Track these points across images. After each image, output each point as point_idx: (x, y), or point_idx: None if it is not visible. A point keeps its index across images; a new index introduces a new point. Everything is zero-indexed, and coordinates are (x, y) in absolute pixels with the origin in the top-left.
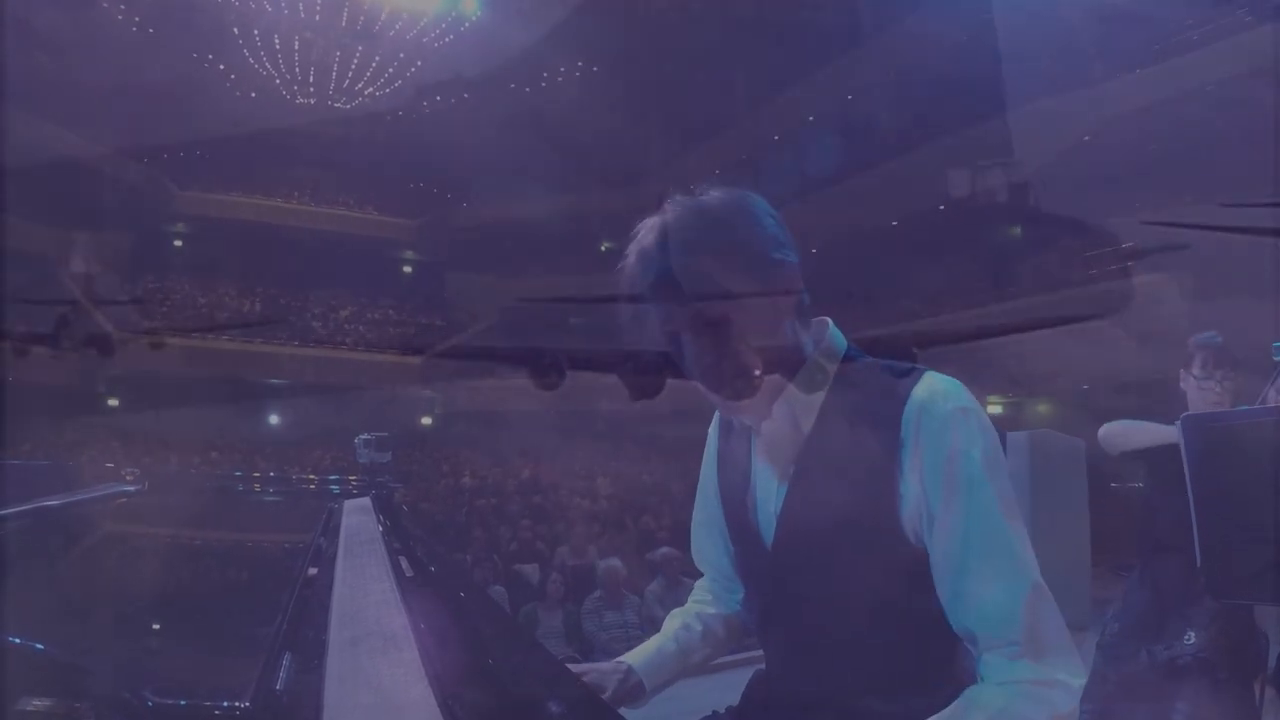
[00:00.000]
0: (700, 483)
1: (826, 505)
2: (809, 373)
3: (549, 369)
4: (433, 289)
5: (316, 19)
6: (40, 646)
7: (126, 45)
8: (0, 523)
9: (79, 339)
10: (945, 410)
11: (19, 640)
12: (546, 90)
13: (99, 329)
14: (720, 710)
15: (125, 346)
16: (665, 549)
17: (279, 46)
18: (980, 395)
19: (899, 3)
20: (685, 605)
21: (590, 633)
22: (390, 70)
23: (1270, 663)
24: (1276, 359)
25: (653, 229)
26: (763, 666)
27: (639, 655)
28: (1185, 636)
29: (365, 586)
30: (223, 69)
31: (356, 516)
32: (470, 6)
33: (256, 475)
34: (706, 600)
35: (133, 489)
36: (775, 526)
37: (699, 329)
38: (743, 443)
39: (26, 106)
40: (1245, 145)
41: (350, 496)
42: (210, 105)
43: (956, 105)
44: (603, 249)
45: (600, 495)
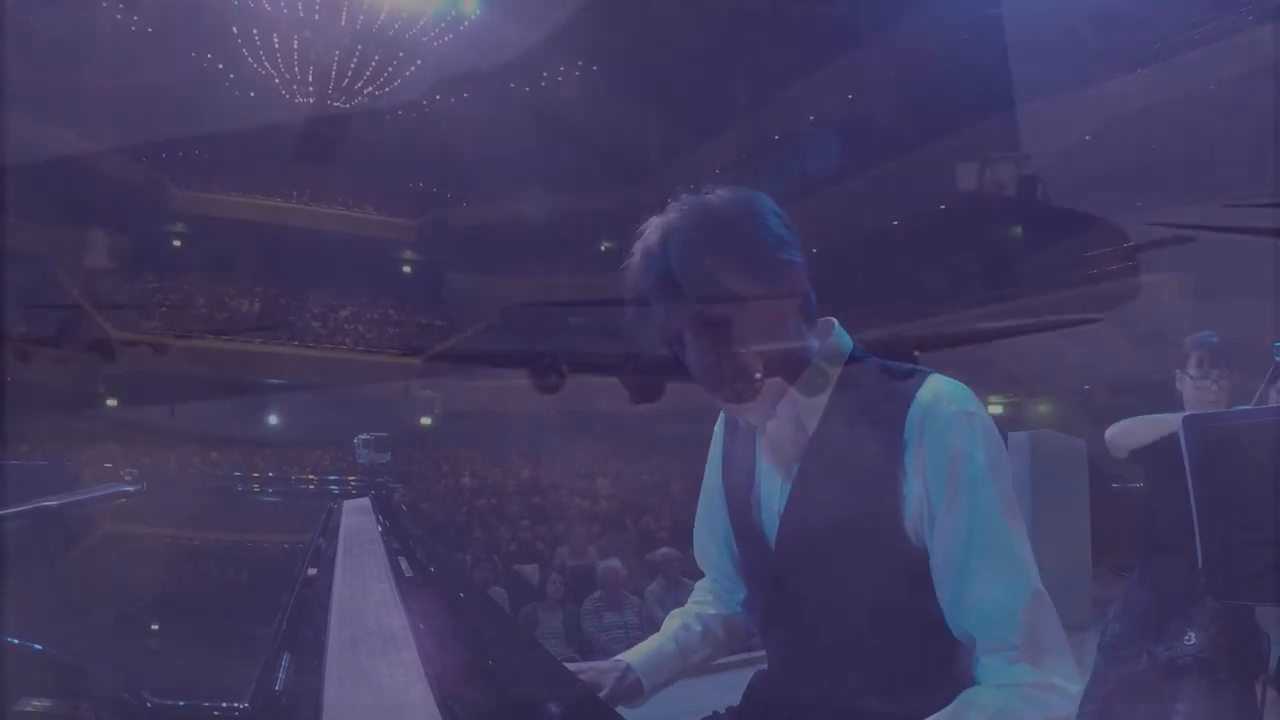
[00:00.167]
0: (704, 482)
1: (830, 505)
2: (814, 373)
3: (549, 372)
4: (432, 289)
5: (316, 18)
6: (39, 647)
7: (125, 45)
8: None
9: (78, 339)
10: (949, 413)
11: (18, 640)
12: (546, 89)
13: (98, 329)
14: (721, 711)
15: (124, 347)
16: (665, 549)
17: (278, 46)
18: (981, 395)
19: (900, 2)
20: (685, 606)
21: (590, 633)
22: (389, 69)
23: (1271, 663)
24: (1278, 359)
25: (657, 228)
26: (764, 667)
27: (638, 654)
28: (1186, 637)
29: (365, 587)
30: (222, 68)
31: (356, 517)
32: (470, 5)
33: (256, 475)
34: (707, 601)
35: (132, 489)
36: (778, 526)
37: (702, 328)
38: (748, 442)
39: (25, 106)
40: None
41: (349, 497)
42: (209, 105)
43: (957, 105)
44: (603, 249)
45: (600, 495)
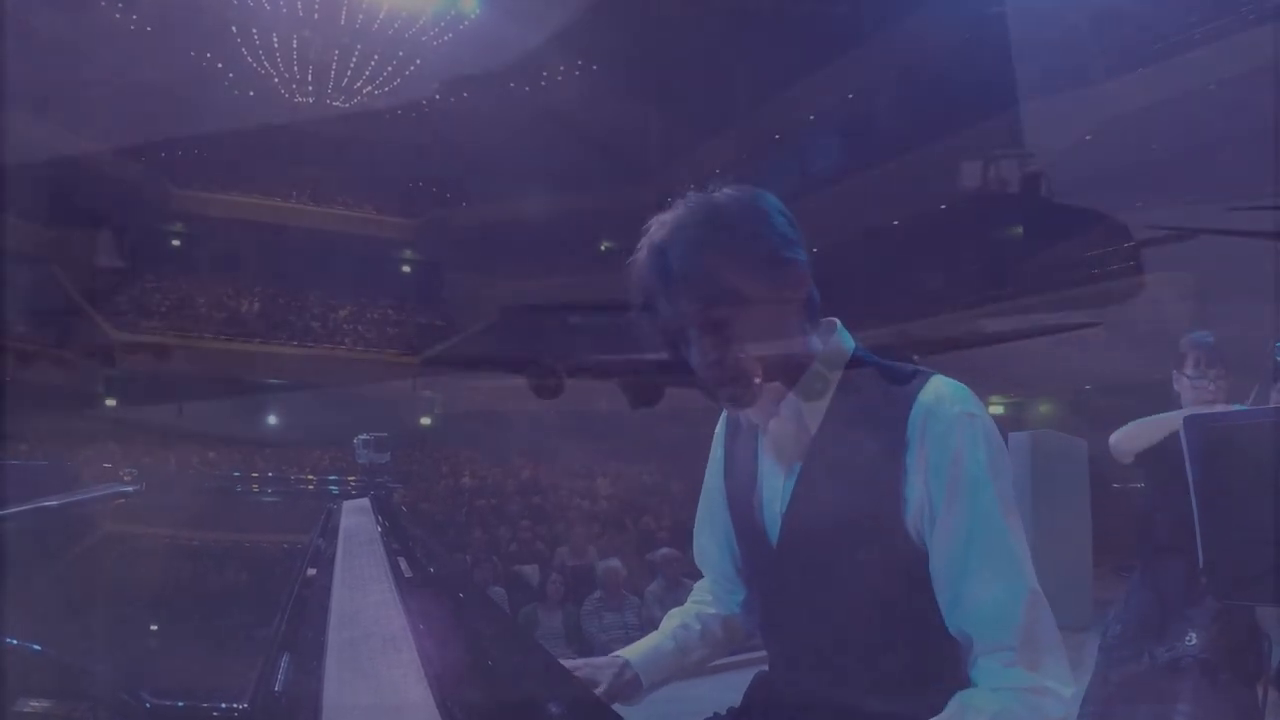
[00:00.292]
0: (705, 482)
1: (832, 504)
2: (816, 373)
3: (548, 376)
4: (432, 289)
5: (315, 17)
6: (38, 647)
7: (124, 44)
8: None
9: (77, 339)
10: (951, 414)
11: (17, 641)
12: (546, 89)
13: (96, 329)
14: (721, 712)
15: (122, 346)
16: (665, 550)
17: (277, 45)
18: (981, 395)
19: (900, 2)
20: (684, 605)
21: (590, 633)
22: (389, 69)
23: (1272, 664)
24: (1278, 358)
25: (663, 225)
26: (764, 668)
27: (636, 651)
28: (1187, 638)
29: (364, 587)
30: (221, 67)
31: (355, 517)
32: (469, 5)
33: (255, 476)
34: (706, 601)
35: (131, 489)
36: (780, 525)
37: (706, 326)
38: (750, 442)
39: (24, 106)
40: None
41: (349, 497)
42: (208, 104)
43: (957, 105)
44: (603, 248)
45: (600, 496)
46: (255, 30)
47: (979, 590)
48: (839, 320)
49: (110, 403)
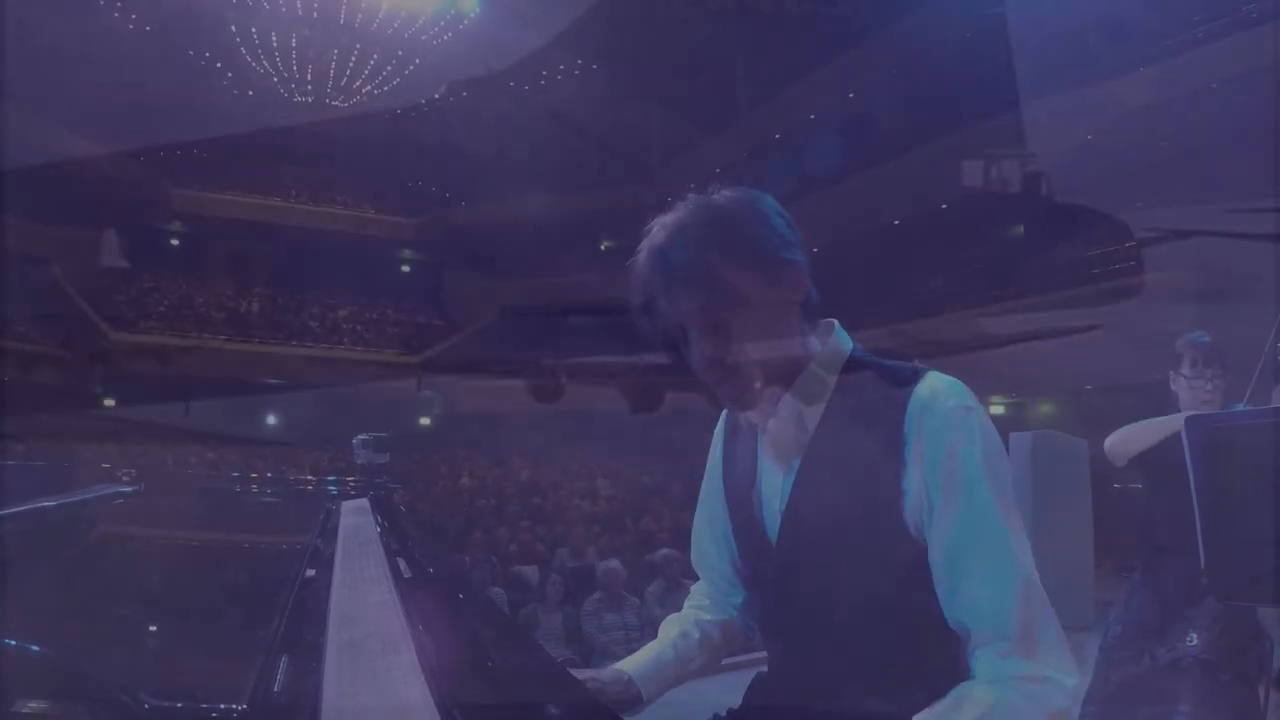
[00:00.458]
0: (704, 483)
1: (830, 500)
2: (814, 372)
3: (547, 378)
4: (431, 288)
5: (314, 16)
6: (36, 648)
7: (122, 44)
8: None
9: (75, 339)
10: (947, 408)
11: (15, 642)
12: (546, 89)
13: (95, 330)
14: (722, 713)
15: (121, 346)
16: (665, 550)
17: (276, 44)
18: (982, 395)
19: (901, 2)
20: (682, 611)
21: (590, 634)
22: (388, 68)
23: (1274, 665)
24: None
25: (663, 226)
26: (764, 669)
27: (635, 663)
28: (1188, 638)
29: (363, 588)
30: (219, 67)
31: (354, 517)
32: (469, 4)
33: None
34: (704, 605)
35: (129, 490)
36: (780, 522)
37: (705, 325)
38: (749, 442)
39: (22, 105)
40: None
41: (348, 497)
42: (207, 103)
43: (958, 104)
44: (603, 248)
45: (600, 496)
46: (254, 30)
47: (975, 581)
48: (837, 321)
49: (109, 403)
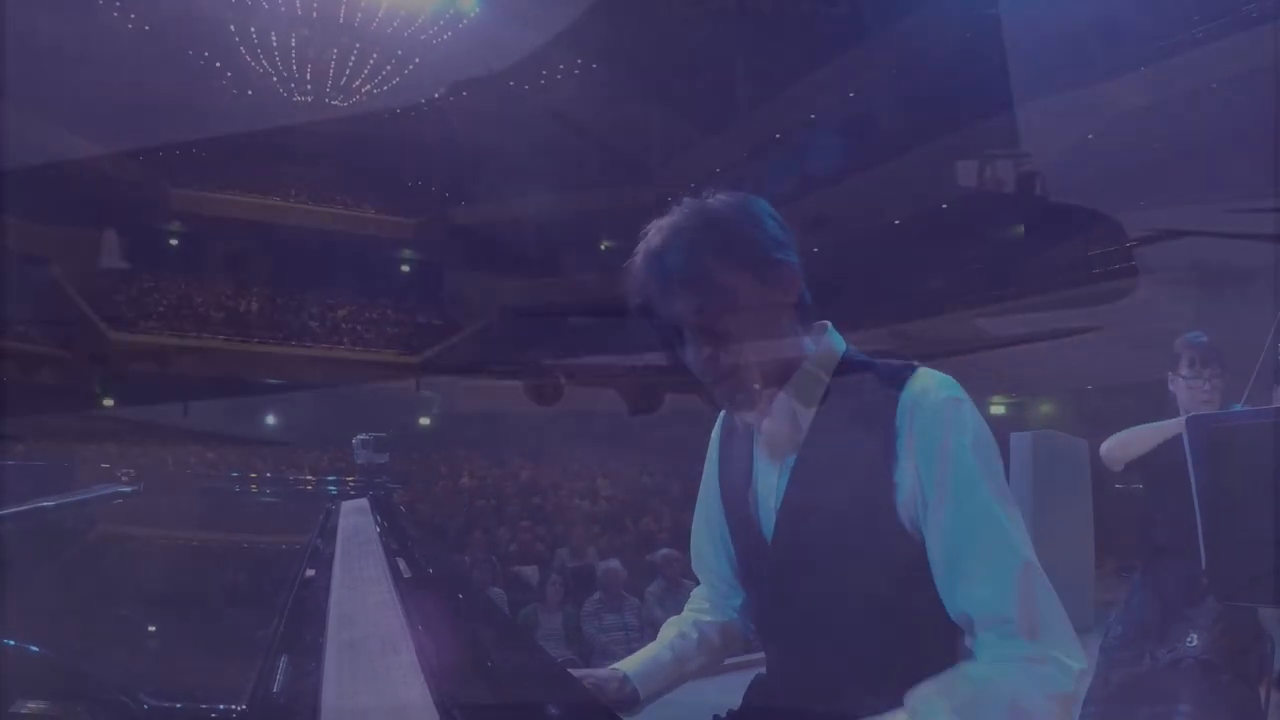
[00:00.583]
0: (702, 486)
1: (825, 496)
2: (808, 372)
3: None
4: (431, 288)
5: (314, 16)
6: (35, 648)
7: (122, 43)
8: None
9: (74, 339)
10: (937, 400)
11: (14, 642)
12: (546, 88)
13: (94, 329)
14: (721, 714)
15: (120, 346)
16: (665, 550)
17: (275, 44)
18: (983, 395)
19: (901, 2)
20: (682, 614)
21: (590, 635)
22: (388, 68)
23: (1275, 665)
24: None
25: (659, 230)
26: (764, 671)
27: (634, 663)
28: (1188, 639)
29: (363, 588)
30: (219, 66)
31: (354, 518)
32: (468, 3)
33: (253, 476)
34: (703, 608)
35: (129, 490)
36: (775, 520)
37: (700, 325)
38: (745, 442)
39: (20, 105)
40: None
41: (348, 497)
42: (206, 103)
43: (959, 104)
44: (603, 248)
45: (600, 496)
46: (253, 29)
47: (973, 569)
48: (830, 323)
49: (108, 403)
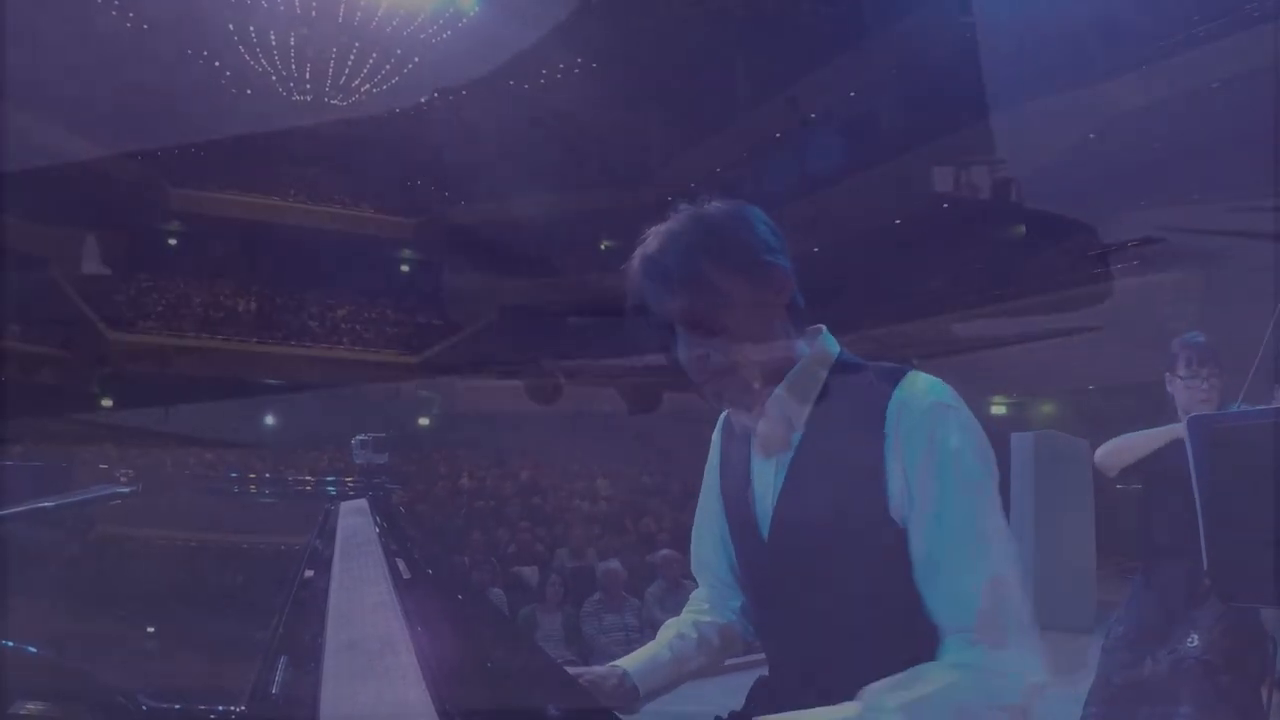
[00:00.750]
0: (703, 488)
1: (819, 495)
2: (802, 374)
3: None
4: (431, 288)
5: (312, 15)
6: (34, 649)
7: (120, 42)
8: None
9: (73, 340)
10: (925, 405)
11: (13, 643)
12: (545, 87)
13: (93, 330)
14: (723, 715)
15: (119, 346)
16: (665, 551)
17: (274, 43)
18: (984, 396)
19: (901, 2)
20: (681, 615)
21: (590, 635)
22: (387, 67)
23: (1277, 666)
24: None
25: (657, 234)
26: (766, 672)
27: (633, 661)
28: (1189, 640)
29: (362, 589)
30: (218, 66)
31: (353, 518)
32: (468, 3)
33: (252, 477)
34: (703, 609)
35: (127, 490)
36: (771, 518)
37: (691, 323)
38: (743, 444)
39: (19, 104)
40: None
41: (347, 498)
42: (205, 103)
43: (959, 103)
44: (603, 248)
45: (600, 497)
46: (252, 28)
47: (945, 575)
48: (825, 327)
49: (106, 403)
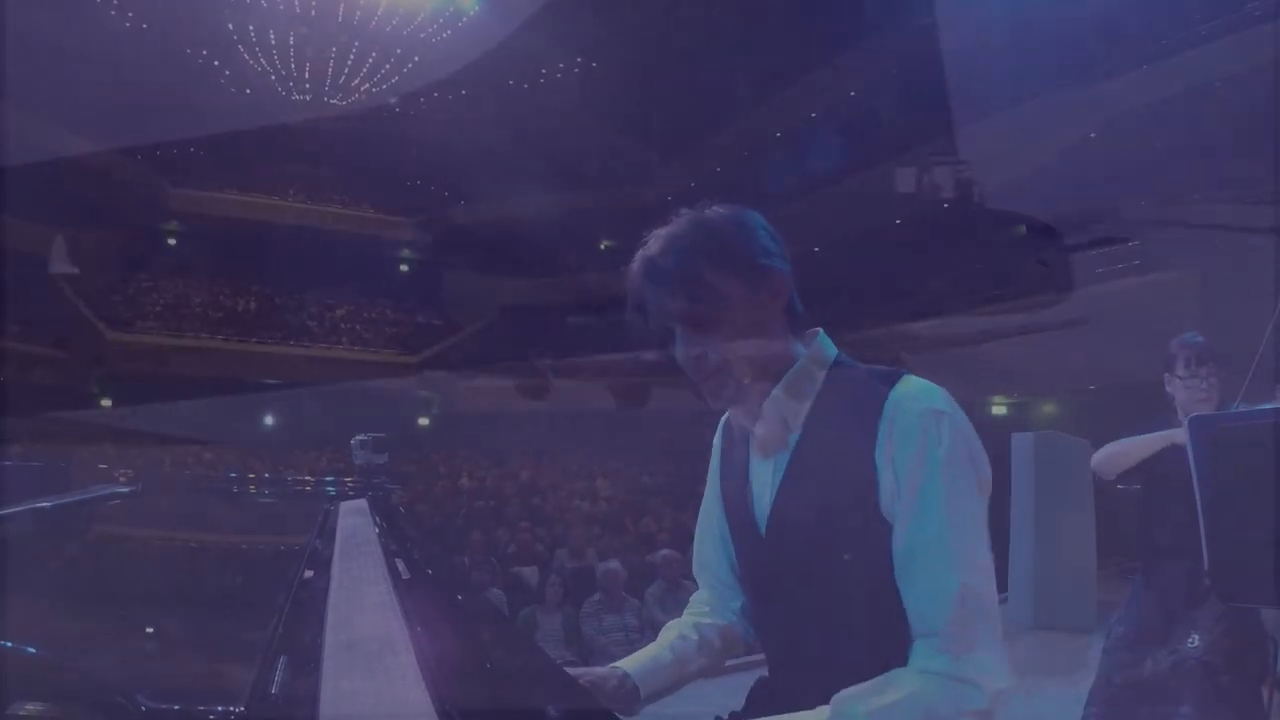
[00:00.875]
0: (706, 492)
1: (814, 495)
2: (799, 376)
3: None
4: (430, 288)
5: (312, 14)
6: (33, 650)
7: (120, 42)
8: None
9: (72, 339)
10: (917, 410)
11: (12, 643)
12: (545, 87)
13: (92, 329)
14: (723, 715)
15: (118, 346)
16: (665, 551)
17: (274, 43)
18: (984, 396)
19: (901, 1)
20: (682, 617)
21: (589, 636)
22: (386, 66)
23: (1277, 666)
24: None
25: (657, 238)
26: (766, 673)
27: (634, 662)
28: (1190, 640)
29: (361, 589)
30: (217, 65)
31: (353, 518)
32: (468, 2)
33: (251, 477)
34: (704, 612)
35: (126, 490)
36: (768, 516)
37: (688, 323)
38: (742, 446)
39: (18, 104)
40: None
41: (346, 498)
42: (205, 102)
43: (960, 102)
44: (603, 248)
45: (600, 497)
46: (252, 28)
47: (918, 580)
48: (822, 330)
49: (105, 403)
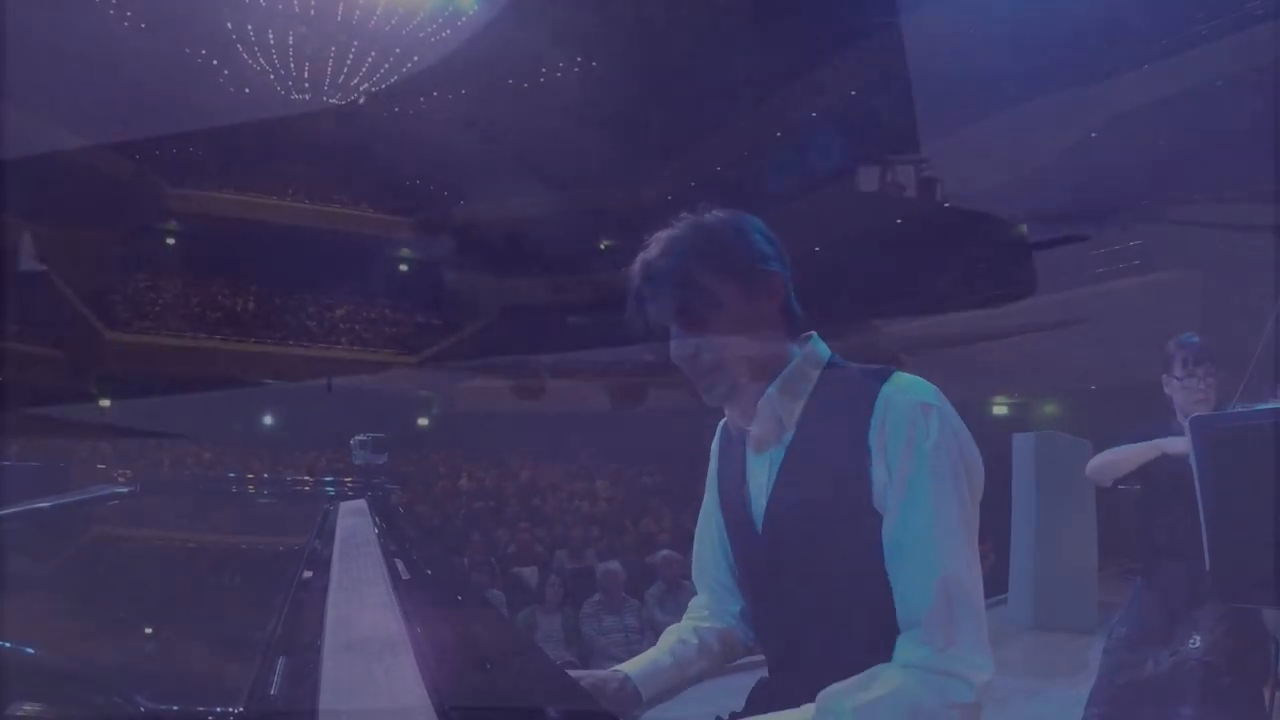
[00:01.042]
0: (705, 496)
1: (809, 490)
2: (793, 375)
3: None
4: (430, 288)
5: (311, 13)
6: (31, 650)
7: (119, 42)
8: None
9: (70, 339)
10: (907, 404)
11: (10, 644)
12: (545, 86)
13: (91, 329)
14: (723, 716)
15: (117, 346)
16: (665, 552)
17: (273, 41)
18: (986, 395)
19: (901, 1)
20: (682, 621)
21: (589, 636)
22: (386, 66)
23: (1278, 667)
24: None
25: (657, 241)
26: (765, 674)
27: (635, 665)
28: (1191, 640)
29: (361, 590)
30: (216, 64)
31: (352, 519)
32: (468, 2)
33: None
34: (703, 615)
35: (125, 490)
36: (764, 513)
37: (685, 322)
38: (738, 446)
39: (17, 103)
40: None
41: (346, 498)
42: (203, 101)
43: (961, 102)
44: (603, 247)
45: (599, 497)
46: (251, 27)
47: (903, 572)
48: (815, 333)
49: (104, 403)
